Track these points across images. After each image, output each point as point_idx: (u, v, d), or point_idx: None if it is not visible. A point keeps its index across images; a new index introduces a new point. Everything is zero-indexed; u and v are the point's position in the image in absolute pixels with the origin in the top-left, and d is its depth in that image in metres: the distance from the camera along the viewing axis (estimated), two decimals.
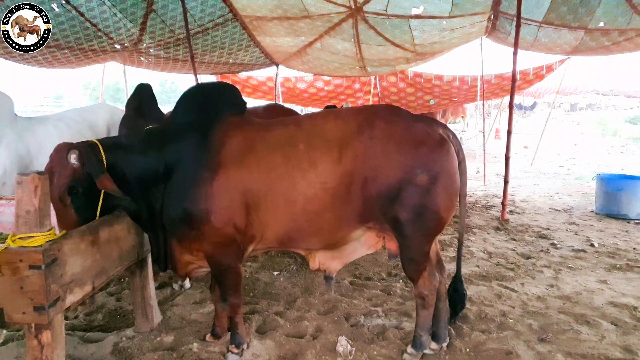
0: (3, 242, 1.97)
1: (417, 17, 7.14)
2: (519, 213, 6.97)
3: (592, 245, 5.30)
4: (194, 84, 7.98)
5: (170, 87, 47.83)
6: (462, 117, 23.72)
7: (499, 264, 4.57)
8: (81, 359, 2.77)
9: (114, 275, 2.56)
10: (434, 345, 2.87)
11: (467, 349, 2.91)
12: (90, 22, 7.37)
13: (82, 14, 7.12)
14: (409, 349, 2.83)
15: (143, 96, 3.76)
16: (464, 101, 14.05)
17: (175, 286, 3.97)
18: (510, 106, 6.36)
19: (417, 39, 7.90)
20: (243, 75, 12.07)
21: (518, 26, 5.93)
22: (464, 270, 4.33)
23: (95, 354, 2.82)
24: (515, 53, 6.14)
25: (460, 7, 6.62)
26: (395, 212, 2.54)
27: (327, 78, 11.88)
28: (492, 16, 7.24)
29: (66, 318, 3.44)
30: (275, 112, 4.50)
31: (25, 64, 8.48)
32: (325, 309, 3.52)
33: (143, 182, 2.57)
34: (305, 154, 2.56)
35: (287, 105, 11.26)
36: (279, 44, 9.20)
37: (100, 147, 2.47)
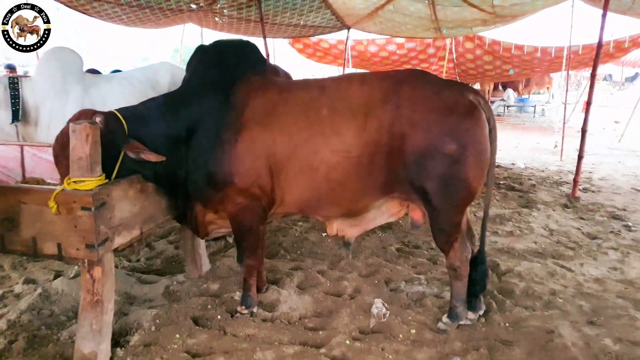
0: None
1: None
2: (593, 191, 6.50)
3: None
4: (262, 46, 8.10)
5: None
6: (548, 87, 22.16)
7: (559, 242, 4.33)
8: (136, 297, 3.05)
9: (162, 222, 2.75)
10: (471, 315, 2.82)
11: (507, 324, 2.83)
12: None
13: None
14: (444, 319, 2.80)
15: None
16: (547, 71, 13.07)
17: (230, 239, 4.18)
18: (593, 75, 5.86)
19: None
20: (314, 38, 12.01)
21: None
22: (519, 246, 4.18)
23: (148, 294, 3.08)
24: (604, 15, 5.58)
25: None
26: (423, 182, 2.48)
27: (399, 41, 11.50)
28: None
29: (129, 260, 3.78)
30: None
31: (109, 22, 9.03)
32: (368, 272, 3.56)
33: (165, 149, 2.51)
34: (328, 120, 2.51)
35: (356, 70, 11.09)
36: (350, 5, 9.01)
37: (120, 117, 2.46)
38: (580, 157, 5.98)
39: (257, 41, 8.39)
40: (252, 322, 2.72)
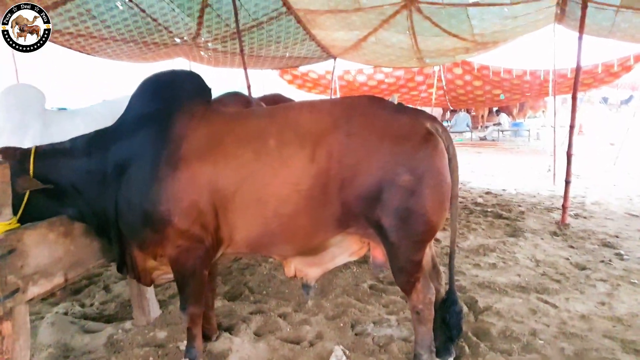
0: None
1: (475, 4, 6.65)
2: (585, 217, 6.24)
3: None
4: (243, 78, 8.04)
5: None
6: (543, 110, 22.13)
7: (544, 274, 4.06)
8: (74, 349, 2.79)
9: (95, 267, 2.53)
10: None
11: None
12: (151, 17, 7.72)
13: (143, 10, 7.48)
14: None
15: None
16: (537, 95, 12.99)
17: None
18: (574, 97, 5.71)
19: (476, 28, 7.36)
20: (303, 69, 12.02)
21: (583, 8, 5.27)
22: (501, 279, 3.92)
23: (89, 345, 2.82)
24: (580, 38, 5.47)
25: None
26: (378, 216, 2.26)
27: (387, 70, 11.50)
28: (561, 1, 6.54)
29: (82, 305, 3.53)
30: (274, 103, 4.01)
31: (95, 55, 9.01)
32: (334, 313, 3.30)
33: (85, 184, 2.36)
34: (276, 151, 2.32)
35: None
36: (334, 37, 9.02)
37: (32, 154, 2.35)
38: (567, 182, 5.75)
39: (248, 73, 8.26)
40: None
